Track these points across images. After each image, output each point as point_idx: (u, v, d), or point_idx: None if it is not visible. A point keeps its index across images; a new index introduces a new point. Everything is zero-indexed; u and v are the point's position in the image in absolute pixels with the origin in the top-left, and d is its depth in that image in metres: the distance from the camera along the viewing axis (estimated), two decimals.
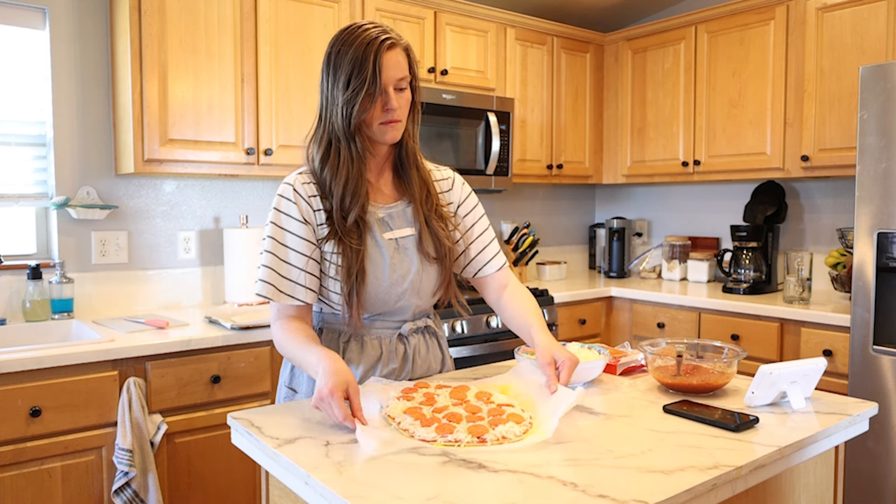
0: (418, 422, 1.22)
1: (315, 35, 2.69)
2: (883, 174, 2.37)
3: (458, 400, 1.34)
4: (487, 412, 1.27)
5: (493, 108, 3.13)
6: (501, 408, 1.29)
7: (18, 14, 2.44)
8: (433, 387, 1.41)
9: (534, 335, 1.45)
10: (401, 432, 1.21)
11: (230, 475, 2.26)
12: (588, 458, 1.10)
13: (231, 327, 2.27)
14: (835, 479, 1.41)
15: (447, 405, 1.30)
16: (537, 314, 1.54)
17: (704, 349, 1.64)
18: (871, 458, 2.38)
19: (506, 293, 1.62)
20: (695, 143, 3.36)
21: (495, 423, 1.21)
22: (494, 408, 1.29)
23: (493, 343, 2.72)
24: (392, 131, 1.43)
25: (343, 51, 1.39)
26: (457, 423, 1.21)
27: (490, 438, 1.16)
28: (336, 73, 1.40)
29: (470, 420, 1.23)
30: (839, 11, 2.79)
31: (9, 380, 1.87)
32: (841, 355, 2.56)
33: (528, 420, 1.25)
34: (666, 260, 3.69)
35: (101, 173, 2.59)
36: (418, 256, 1.51)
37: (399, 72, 1.40)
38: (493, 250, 1.63)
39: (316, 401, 1.22)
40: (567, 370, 1.34)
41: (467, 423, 1.22)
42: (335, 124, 1.42)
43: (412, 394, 1.36)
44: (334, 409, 1.20)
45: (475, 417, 1.24)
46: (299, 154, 2.65)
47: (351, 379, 1.24)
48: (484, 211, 1.66)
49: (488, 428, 1.19)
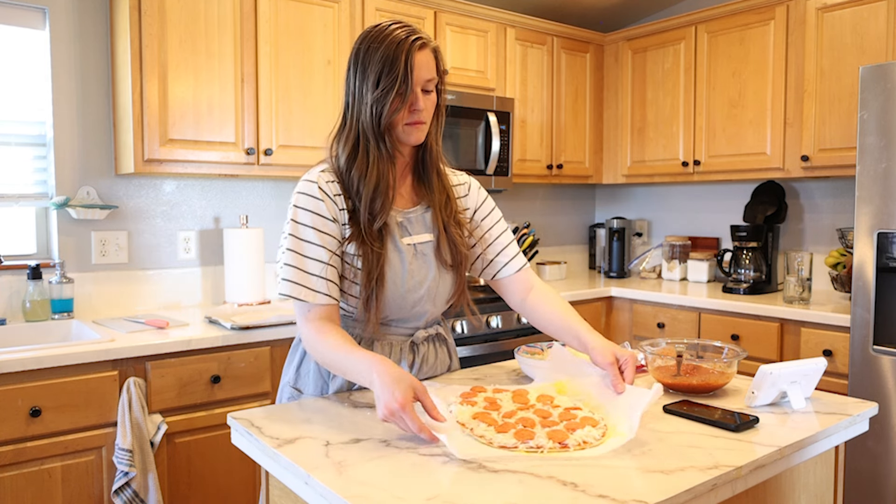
0: (492, 428, 1.19)
1: (315, 35, 2.69)
2: (883, 174, 2.37)
3: (522, 404, 1.30)
4: (559, 416, 1.24)
5: (493, 108, 3.13)
6: (571, 411, 1.26)
7: (18, 14, 2.44)
8: (490, 390, 1.38)
9: (584, 337, 1.41)
10: (476, 439, 1.17)
11: (230, 475, 2.26)
12: (589, 458, 1.10)
13: (231, 327, 2.27)
14: (835, 479, 1.41)
15: (514, 409, 1.27)
16: (577, 315, 1.50)
17: (704, 349, 1.64)
18: (871, 458, 2.38)
19: (532, 295, 1.58)
20: (695, 143, 3.36)
21: (571, 427, 1.18)
22: (563, 412, 1.26)
23: (493, 343, 2.72)
24: (416, 132, 1.42)
25: (373, 48, 1.37)
26: (532, 429, 1.18)
27: (571, 444, 1.13)
28: (365, 72, 1.38)
29: (545, 425, 1.20)
30: (839, 11, 2.79)
31: (9, 380, 1.87)
32: (841, 355, 2.56)
33: (602, 423, 1.23)
34: (666, 260, 3.69)
35: (101, 173, 2.59)
36: (436, 263, 1.49)
37: (428, 73, 1.39)
38: (513, 252, 1.61)
39: (385, 415, 1.16)
40: (630, 369, 1.31)
41: (542, 427, 1.19)
42: (363, 123, 1.40)
43: (473, 398, 1.32)
44: (408, 422, 1.14)
45: (549, 422, 1.21)
46: (299, 154, 2.66)
47: (414, 381, 1.19)
48: (501, 214, 1.64)
49: (566, 433, 1.16)
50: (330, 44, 2.73)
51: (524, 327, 2.85)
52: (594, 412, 1.28)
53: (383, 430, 1.24)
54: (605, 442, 1.16)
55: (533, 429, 1.19)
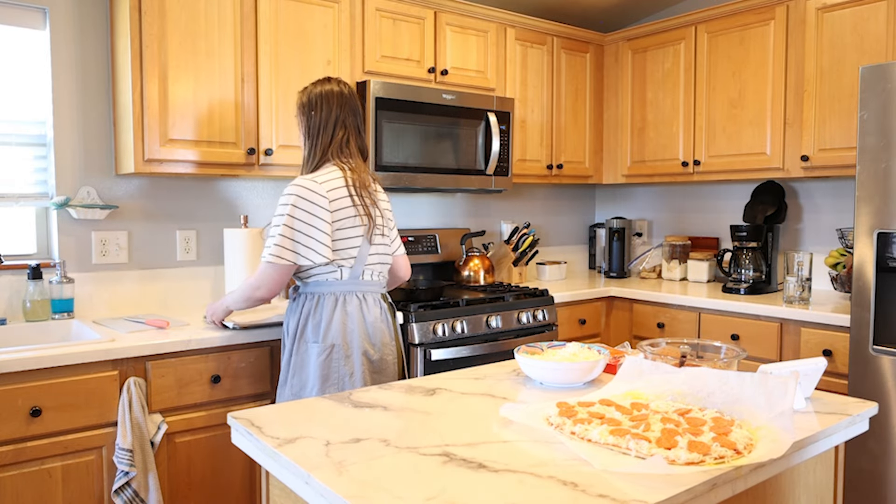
0: (653, 444, 1.11)
1: (315, 35, 2.69)
2: (883, 174, 2.37)
3: (625, 413, 1.24)
4: (689, 421, 1.18)
5: (493, 108, 3.13)
6: (691, 418, 1.20)
7: (18, 14, 2.44)
8: (575, 403, 1.32)
9: None
10: (624, 452, 1.11)
11: (230, 475, 2.26)
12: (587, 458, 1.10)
13: (231, 327, 2.27)
14: (835, 479, 1.41)
15: (620, 420, 1.20)
16: None
17: (704, 349, 1.64)
18: (871, 458, 2.38)
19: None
20: (695, 143, 3.36)
21: (723, 430, 1.13)
22: (687, 419, 1.20)
23: (493, 343, 2.72)
24: None
25: None
26: (698, 437, 1.12)
27: (741, 448, 1.09)
28: None
29: (694, 433, 1.13)
30: (839, 11, 2.79)
31: (9, 380, 1.87)
32: (841, 355, 2.56)
33: (735, 420, 1.19)
34: (666, 260, 3.70)
35: (101, 173, 2.59)
36: None
37: None
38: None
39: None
40: None
41: (683, 437, 1.12)
42: None
43: (572, 411, 1.26)
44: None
45: (680, 431, 1.14)
46: (299, 154, 2.66)
47: None
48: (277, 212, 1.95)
49: (709, 444, 1.09)
50: (330, 44, 2.73)
51: (524, 327, 2.85)
52: (702, 411, 1.23)
53: (383, 430, 1.25)
54: (756, 447, 1.11)
55: (698, 437, 1.12)
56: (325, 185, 1.95)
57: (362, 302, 2.00)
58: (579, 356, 1.60)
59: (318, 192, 1.93)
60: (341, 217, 1.96)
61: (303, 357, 1.98)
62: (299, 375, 1.97)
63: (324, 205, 1.93)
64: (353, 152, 2.06)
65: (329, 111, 2.03)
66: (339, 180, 1.97)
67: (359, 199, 1.99)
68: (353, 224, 1.98)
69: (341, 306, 1.97)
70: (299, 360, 1.98)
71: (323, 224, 1.92)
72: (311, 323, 1.97)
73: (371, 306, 2.01)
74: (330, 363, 1.94)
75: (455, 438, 1.21)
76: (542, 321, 2.90)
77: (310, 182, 1.94)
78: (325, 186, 1.95)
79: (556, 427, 1.22)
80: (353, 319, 1.97)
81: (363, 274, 2.01)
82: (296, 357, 1.99)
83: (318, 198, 1.92)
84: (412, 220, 3.46)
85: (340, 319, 1.96)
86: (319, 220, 1.92)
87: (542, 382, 1.58)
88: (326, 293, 1.98)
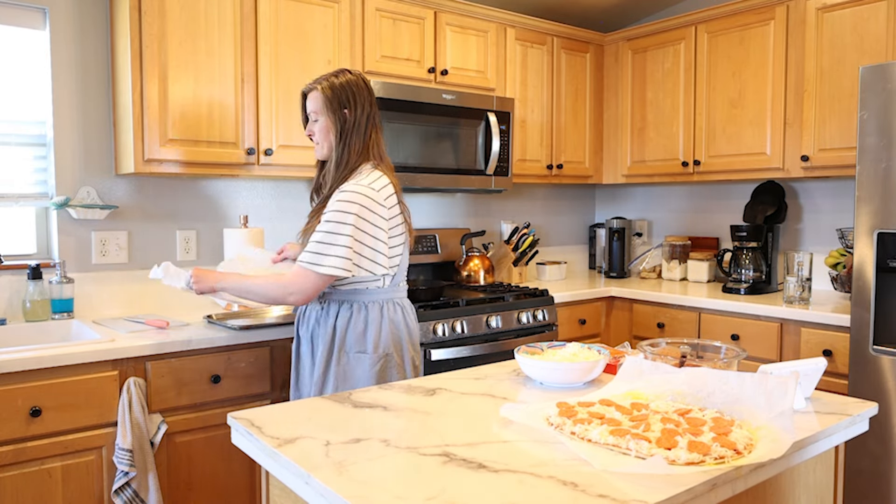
0: (654, 444, 1.11)
1: (315, 35, 2.69)
2: (883, 174, 2.37)
3: (625, 413, 1.24)
4: (689, 421, 1.18)
5: (493, 108, 3.13)
6: (691, 418, 1.20)
7: (18, 14, 2.44)
8: (575, 403, 1.32)
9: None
10: (624, 452, 1.11)
11: (230, 475, 2.26)
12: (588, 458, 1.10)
13: (231, 327, 2.27)
14: (835, 479, 1.41)
15: (620, 420, 1.20)
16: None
17: (704, 349, 1.64)
18: (872, 458, 2.38)
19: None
20: (695, 143, 3.36)
21: (723, 430, 1.12)
22: (687, 419, 1.20)
23: (493, 343, 2.72)
24: (316, 149, 2.00)
25: None
26: (698, 437, 1.12)
27: (741, 448, 1.09)
28: None
29: (694, 433, 1.13)
30: (839, 11, 2.79)
31: (9, 380, 1.87)
32: (841, 355, 2.56)
33: (735, 420, 1.19)
34: (666, 260, 3.70)
35: (101, 173, 2.59)
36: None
37: (309, 107, 1.97)
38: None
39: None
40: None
41: (683, 437, 1.12)
42: None
43: (572, 411, 1.26)
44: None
45: (680, 431, 1.14)
46: (299, 154, 2.66)
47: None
48: (330, 219, 1.84)
49: (709, 444, 1.09)
50: (330, 44, 2.73)
51: (524, 327, 2.85)
52: (702, 411, 1.23)
53: (383, 430, 1.25)
54: (756, 447, 1.11)
55: (699, 437, 1.11)
56: (381, 193, 1.87)
57: (403, 309, 1.97)
58: (579, 356, 1.60)
59: (378, 200, 1.85)
60: (393, 225, 1.91)
61: (346, 367, 1.90)
62: (343, 386, 1.92)
63: (383, 214, 1.87)
64: (383, 153, 1.99)
65: (361, 109, 1.93)
66: (389, 188, 1.91)
67: (404, 206, 1.97)
68: (401, 232, 1.95)
69: (387, 315, 1.92)
70: (341, 370, 1.90)
71: (383, 234, 1.87)
72: (351, 332, 1.90)
73: (409, 312, 2.00)
74: (385, 372, 1.89)
75: (455, 438, 1.21)
76: (542, 321, 2.90)
77: (369, 189, 1.85)
78: (382, 194, 1.88)
79: (556, 427, 1.22)
80: (399, 327, 1.94)
81: (401, 281, 2.00)
82: (336, 367, 1.91)
83: (379, 207, 1.86)
84: (412, 220, 3.45)
85: (389, 328, 1.92)
86: (380, 230, 1.86)
87: (542, 382, 1.58)
88: (368, 301, 1.91)
